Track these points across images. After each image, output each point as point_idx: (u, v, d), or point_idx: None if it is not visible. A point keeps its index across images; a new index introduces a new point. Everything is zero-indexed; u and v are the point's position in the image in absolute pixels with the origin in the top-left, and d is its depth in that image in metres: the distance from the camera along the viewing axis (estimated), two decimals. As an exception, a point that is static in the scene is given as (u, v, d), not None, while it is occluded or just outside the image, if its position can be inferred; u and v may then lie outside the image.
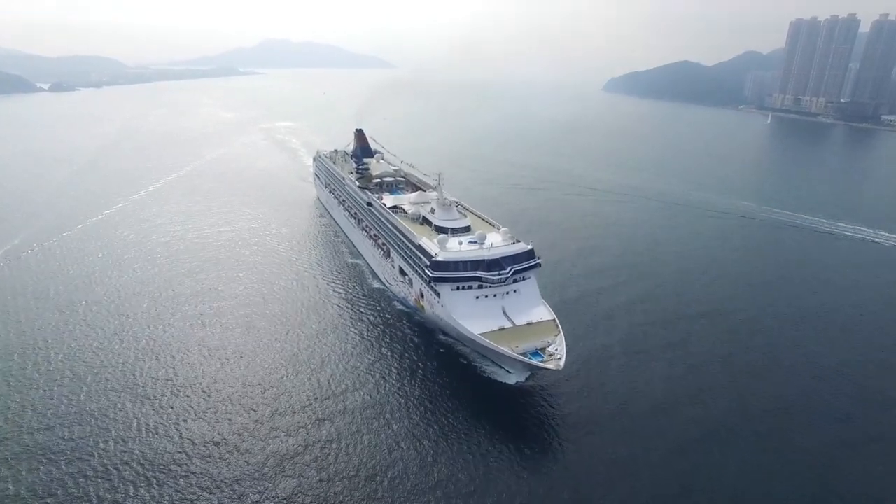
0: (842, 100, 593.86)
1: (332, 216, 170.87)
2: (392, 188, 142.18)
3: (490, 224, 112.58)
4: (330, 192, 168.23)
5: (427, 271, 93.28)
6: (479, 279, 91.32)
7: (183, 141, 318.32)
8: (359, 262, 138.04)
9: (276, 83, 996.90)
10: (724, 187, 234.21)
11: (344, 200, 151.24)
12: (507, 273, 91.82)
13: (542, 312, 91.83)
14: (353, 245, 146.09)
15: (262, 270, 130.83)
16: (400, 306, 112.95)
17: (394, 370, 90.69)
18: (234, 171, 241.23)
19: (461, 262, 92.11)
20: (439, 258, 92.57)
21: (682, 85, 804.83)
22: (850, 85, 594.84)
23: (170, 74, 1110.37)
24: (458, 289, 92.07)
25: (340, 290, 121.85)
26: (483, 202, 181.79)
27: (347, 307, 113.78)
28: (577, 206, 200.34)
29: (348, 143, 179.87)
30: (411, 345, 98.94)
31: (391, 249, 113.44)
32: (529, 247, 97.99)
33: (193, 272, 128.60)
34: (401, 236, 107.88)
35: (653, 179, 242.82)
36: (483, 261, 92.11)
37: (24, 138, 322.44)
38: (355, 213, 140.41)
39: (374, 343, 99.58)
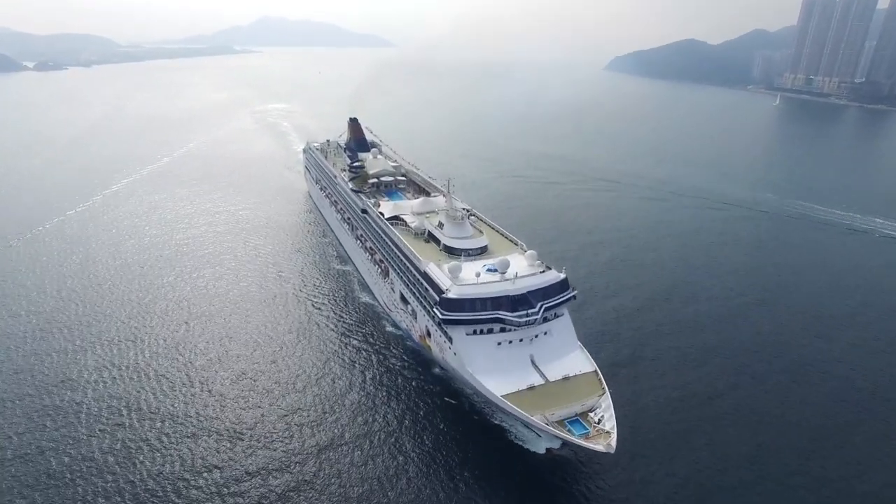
0: (856, 80, 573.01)
1: (322, 215, 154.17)
2: (391, 190, 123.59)
3: (509, 241, 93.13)
4: (321, 189, 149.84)
5: (436, 310, 74.86)
6: (501, 321, 72.90)
7: (167, 127, 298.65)
8: (347, 268, 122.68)
9: (271, 62, 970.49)
10: (757, 180, 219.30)
11: (336, 202, 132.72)
12: (537, 312, 73.43)
13: (580, 361, 73.70)
14: (345, 250, 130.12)
15: (237, 280, 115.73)
16: (395, 329, 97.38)
17: (386, 420, 74.52)
18: (219, 160, 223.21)
19: (479, 299, 73.34)
20: (451, 294, 73.90)
21: (688, 64, 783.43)
22: (865, 64, 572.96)
23: (163, 53, 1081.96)
24: (474, 332, 73.80)
25: (324, 307, 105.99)
26: (486, 194, 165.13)
27: (331, 329, 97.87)
28: (591, 200, 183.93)
29: (341, 134, 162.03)
30: (410, 386, 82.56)
31: (390, 270, 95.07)
32: (562, 276, 79.30)
33: (156, 279, 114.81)
34: (402, 257, 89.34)
35: (686, 174, 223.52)
36: (506, 297, 73.56)
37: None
38: (348, 219, 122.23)
39: (361, 380, 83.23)
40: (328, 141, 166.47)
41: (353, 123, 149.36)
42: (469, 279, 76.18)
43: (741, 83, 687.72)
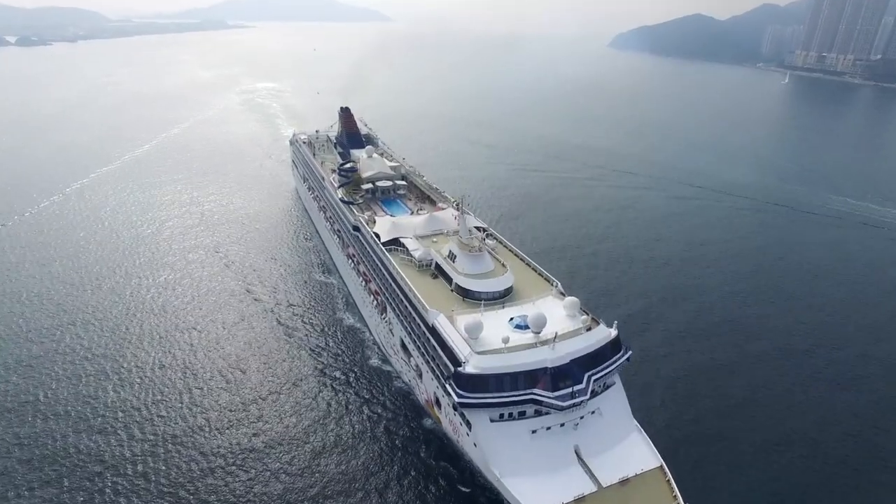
0: (872, 57, 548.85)
1: (308, 214, 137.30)
2: (389, 198, 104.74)
3: (537, 275, 73.79)
4: (308, 189, 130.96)
5: (450, 387, 56.40)
6: (536, 401, 54.59)
7: (149, 110, 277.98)
8: (331, 281, 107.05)
9: (264, 38, 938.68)
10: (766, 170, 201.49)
11: (324, 208, 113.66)
12: (585, 388, 55.08)
13: (641, 451, 55.87)
14: (331, 258, 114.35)
15: (203, 294, 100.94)
16: (382, 364, 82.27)
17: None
18: (200, 148, 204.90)
19: (508, 374, 55.03)
20: (471, 369, 55.20)
21: (694, 41, 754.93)
22: (882, 41, 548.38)
23: (153, 28, 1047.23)
24: (501, 417, 55.55)
25: (297, 331, 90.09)
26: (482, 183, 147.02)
27: (303, 363, 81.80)
28: (590, 189, 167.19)
29: (332, 124, 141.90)
30: (398, 447, 66.87)
31: (388, 307, 76.36)
32: (614, 332, 60.92)
33: (116, 286, 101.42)
34: (403, 300, 70.52)
35: (723, 170, 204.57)
36: (545, 369, 55.13)
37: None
38: (338, 231, 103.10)
39: (333, 439, 67.53)
40: (317, 132, 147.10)
41: (345, 114, 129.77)
42: (493, 342, 57.49)
43: (750, 60, 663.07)
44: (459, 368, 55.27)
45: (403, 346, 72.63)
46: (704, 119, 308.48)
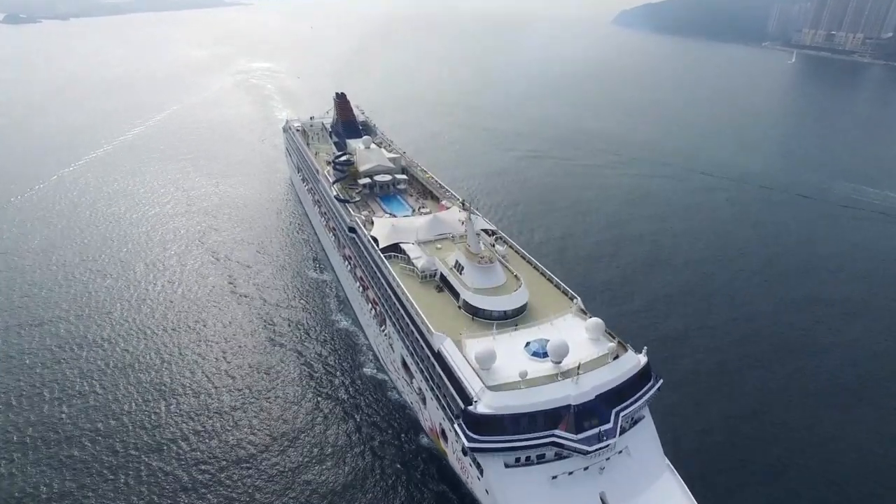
0: (883, 35, 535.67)
1: (302, 206, 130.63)
2: (388, 194, 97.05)
3: (553, 287, 66.11)
4: (302, 179, 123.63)
5: (459, 427, 49.47)
6: (558, 444, 47.74)
7: (139, 92, 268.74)
8: (325, 278, 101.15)
9: (262, 15, 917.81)
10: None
11: (319, 202, 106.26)
12: (613, 427, 48.26)
13: (674, 495, 49.32)
14: (325, 254, 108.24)
15: (186, 290, 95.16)
16: (377, 373, 76.70)
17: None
18: (191, 132, 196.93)
19: (526, 414, 48.11)
20: (483, 408, 48.02)
21: (700, 19, 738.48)
22: (894, 19, 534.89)
23: (148, 5, 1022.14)
24: (517, 462, 48.71)
25: (287, 336, 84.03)
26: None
27: (290, 372, 76.07)
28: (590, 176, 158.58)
29: (327, 111, 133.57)
30: (395, 470, 61.03)
31: (387, 320, 69.39)
32: (643, 360, 53.95)
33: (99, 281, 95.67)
34: (404, 316, 63.37)
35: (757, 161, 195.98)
36: (567, 408, 48.19)
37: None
38: (333, 229, 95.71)
39: (318, 453, 62.01)
40: (312, 119, 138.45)
41: (341, 100, 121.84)
42: (508, 373, 50.40)
43: (756, 39, 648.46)
44: (470, 407, 48.30)
45: (405, 364, 65.80)
46: (722, 105, 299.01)
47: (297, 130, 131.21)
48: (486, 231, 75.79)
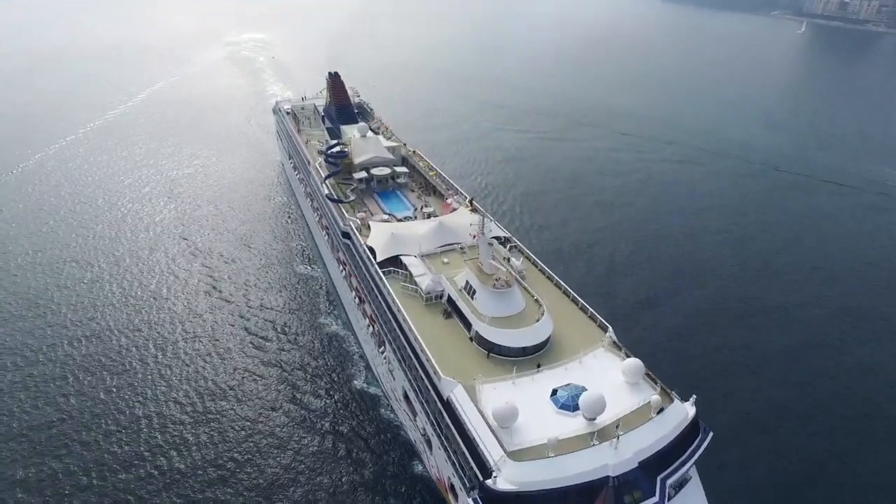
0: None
1: (293, 193, 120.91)
2: (387, 189, 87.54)
3: (577, 307, 57.24)
4: (293, 167, 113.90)
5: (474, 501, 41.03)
6: None
7: (124, 64, 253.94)
8: (315, 273, 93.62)
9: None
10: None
11: (310, 194, 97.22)
12: (660, 498, 40.00)
13: None
14: (316, 246, 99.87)
15: (159, 286, 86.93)
16: (369, 387, 69.96)
17: None
18: (177, 110, 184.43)
19: (553, 491, 39.31)
20: (504, 484, 38.65)
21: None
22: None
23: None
24: None
25: (270, 341, 76.38)
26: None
27: (271, 383, 68.68)
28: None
29: (320, 90, 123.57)
30: None
31: (387, 345, 60.99)
32: (692, 411, 45.47)
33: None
34: (407, 348, 54.61)
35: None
36: (605, 480, 39.77)
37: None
38: (327, 228, 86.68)
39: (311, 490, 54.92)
40: (303, 99, 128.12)
41: (335, 81, 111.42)
42: (531, 434, 41.57)
43: (765, 8, 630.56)
44: (489, 482, 39.55)
45: (407, 398, 57.54)
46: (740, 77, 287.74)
47: (288, 113, 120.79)
48: (498, 239, 66.77)
